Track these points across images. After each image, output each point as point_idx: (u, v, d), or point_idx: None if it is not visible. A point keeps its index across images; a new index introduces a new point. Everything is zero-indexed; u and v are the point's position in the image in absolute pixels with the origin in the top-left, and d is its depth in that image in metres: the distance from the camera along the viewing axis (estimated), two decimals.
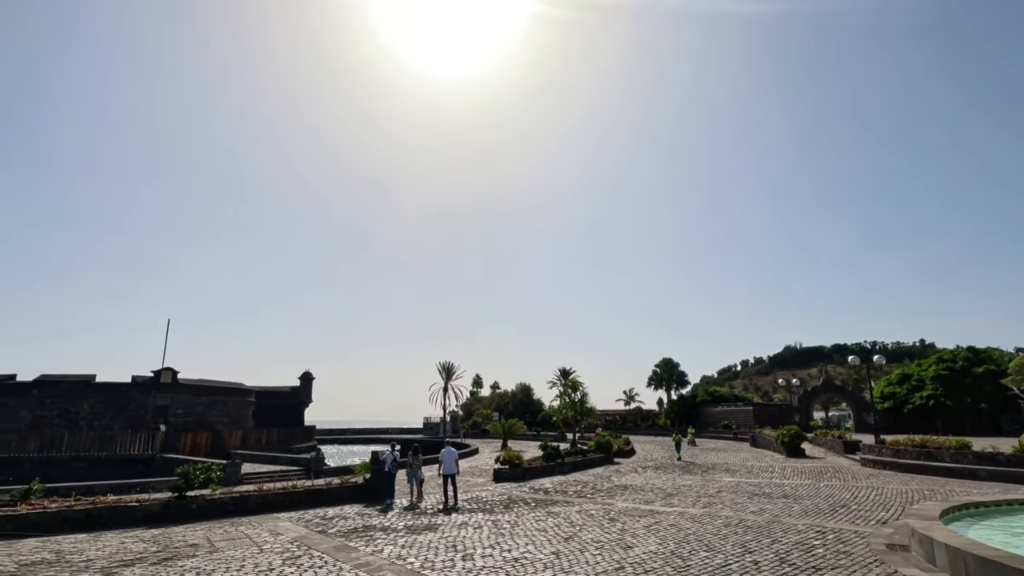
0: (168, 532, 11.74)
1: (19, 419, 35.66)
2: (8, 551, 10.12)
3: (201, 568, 8.79)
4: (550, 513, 13.51)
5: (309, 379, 53.55)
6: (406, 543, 10.48)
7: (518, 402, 74.55)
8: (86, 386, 37.95)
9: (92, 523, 12.24)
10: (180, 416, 39.32)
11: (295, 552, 9.83)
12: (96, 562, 9.24)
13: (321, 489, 15.90)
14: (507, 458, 21.60)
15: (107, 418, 37.32)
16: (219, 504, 13.80)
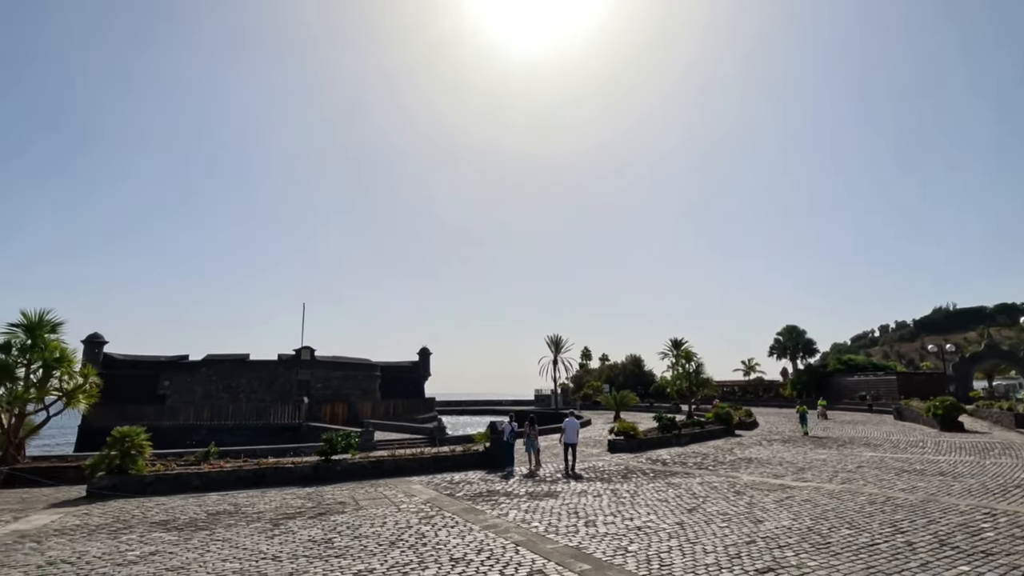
0: (319, 491, 13.20)
1: (193, 393, 41.71)
2: (198, 502, 11.99)
3: (350, 523, 9.81)
4: (670, 484, 13.30)
5: (427, 354, 56.80)
6: (529, 508, 10.88)
7: (628, 374, 73.58)
8: (242, 364, 43.40)
9: (258, 481, 14.09)
10: (319, 389, 43.68)
11: (429, 512, 10.61)
12: (265, 514, 10.66)
13: (446, 456, 16.94)
14: (621, 429, 21.49)
15: (260, 391, 42.47)
16: (359, 467, 15.23)
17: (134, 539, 8.92)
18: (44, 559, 7.85)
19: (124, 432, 13.27)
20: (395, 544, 8.33)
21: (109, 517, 10.67)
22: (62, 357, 15.66)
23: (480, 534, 8.85)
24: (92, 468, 13.03)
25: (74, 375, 16.05)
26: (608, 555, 7.57)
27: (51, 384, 15.75)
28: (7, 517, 10.77)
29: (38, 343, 15.27)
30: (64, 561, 7.73)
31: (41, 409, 15.97)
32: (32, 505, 12.04)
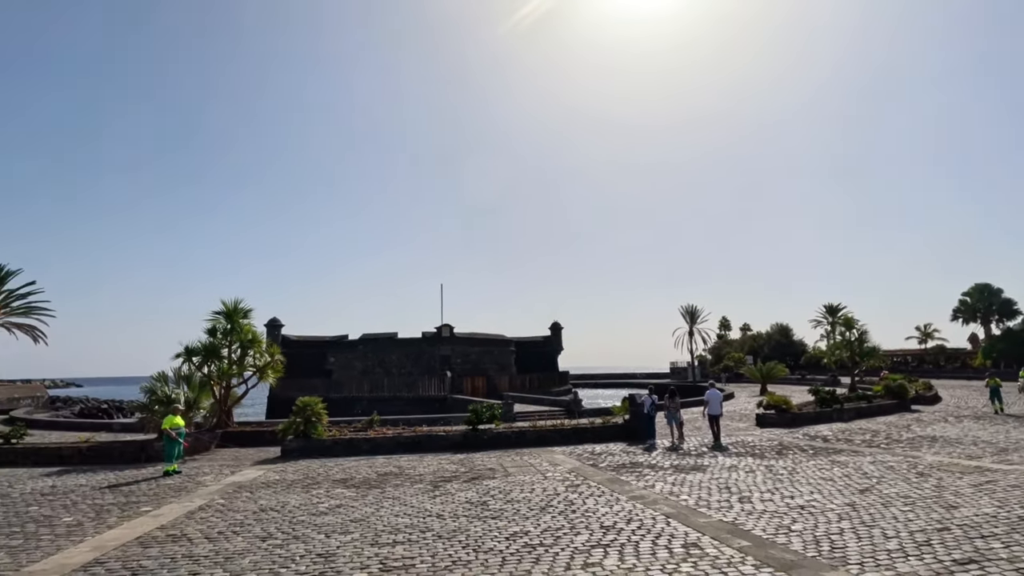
0: (469, 457, 14.13)
1: (354, 368, 46.70)
2: (368, 464, 13.49)
3: (501, 488, 10.38)
4: (834, 462, 12.16)
5: (558, 328, 57.60)
6: (676, 481, 10.65)
7: (774, 344, 68.20)
8: (392, 342, 47.57)
9: (415, 447, 15.46)
10: (459, 364, 46.50)
11: (574, 481, 10.86)
12: (426, 477, 11.69)
13: (586, 428, 17.14)
14: (772, 402, 20.04)
15: (409, 366, 46.30)
16: (504, 437, 16.02)
17: (322, 493, 10.31)
18: (257, 506, 9.40)
19: (305, 402, 15.33)
20: (545, 510, 8.67)
21: (300, 474, 12.44)
22: (254, 339, 18.46)
23: (628, 504, 8.87)
24: (283, 432, 15.25)
25: (263, 353, 18.84)
26: (769, 533, 7.16)
27: (247, 361, 18.65)
28: (227, 471, 13.05)
29: (235, 327, 18.15)
30: (272, 509, 9.18)
31: (241, 383, 18.99)
32: (242, 462, 14.45)
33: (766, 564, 5.97)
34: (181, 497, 10.32)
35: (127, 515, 8.98)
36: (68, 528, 8.28)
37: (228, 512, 9.04)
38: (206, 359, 17.42)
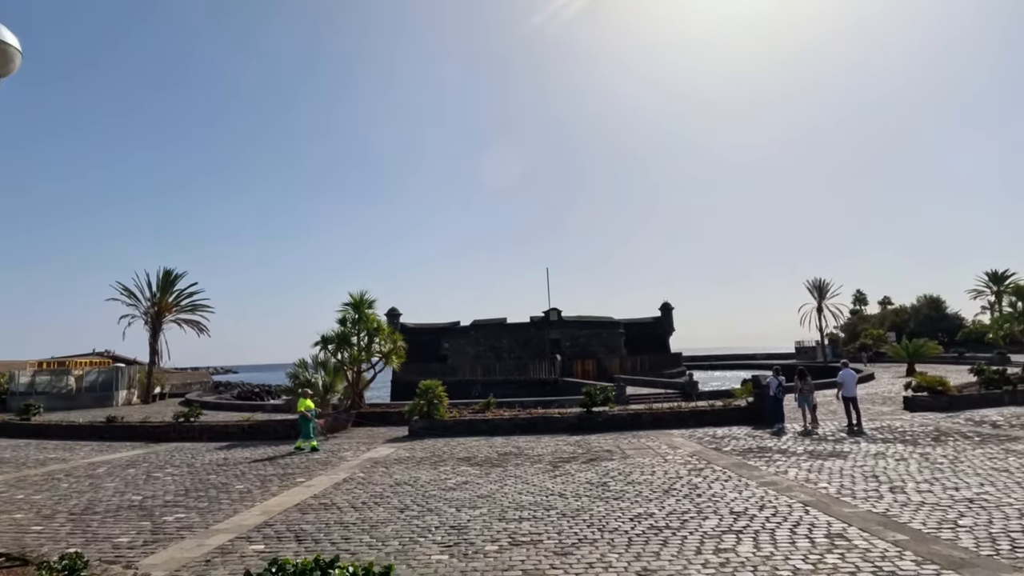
0: (585, 439, 14.19)
1: (466, 353, 48.67)
2: (488, 444, 14.05)
3: (620, 469, 10.33)
4: (1009, 451, 10.60)
5: (669, 309, 55.64)
6: (812, 467, 9.91)
7: (922, 318, 60.54)
8: (502, 327, 48.85)
9: (531, 428, 15.82)
10: (568, 347, 46.66)
11: (697, 464, 10.51)
12: (544, 457, 11.94)
13: (705, 410, 16.47)
14: (925, 383, 17.86)
15: (518, 350, 47.33)
16: (619, 419, 15.88)
17: (448, 470, 10.93)
18: (392, 480, 10.19)
19: (427, 385, 16.28)
20: (668, 493, 8.49)
21: (427, 452, 13.27)
22: (379, 327, 19.93)
23: (758, 490, 8.42)
24: (409, 413, 16.34)
25: (387, 340, 20.27)
26: (931, 527, 6.43)
27: (373, 348, 20.18)
28: (363, 448, 14.27)
29: (362, 317, 19.68)
30: (406, 483, 9.90)
31: (369, 368, 20.59)
32: (375, 440, 15.71)
33: (930, 560, 5.38)
34: (327, 470, 11.48)
35: (285, 485, 10.16)
36: (240, 494, 9.55)
37: (368, 485, 9.90)
38: (339, 347, 19.11)
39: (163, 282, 36.26)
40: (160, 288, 36.05)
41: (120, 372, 36.89)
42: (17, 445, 17.36)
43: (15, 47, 4.75)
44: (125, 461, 13.54)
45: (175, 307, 37.34)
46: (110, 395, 34.39)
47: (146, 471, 12.03)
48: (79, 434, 18.85)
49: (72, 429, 19.33)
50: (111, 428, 18.50)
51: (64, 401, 32.15)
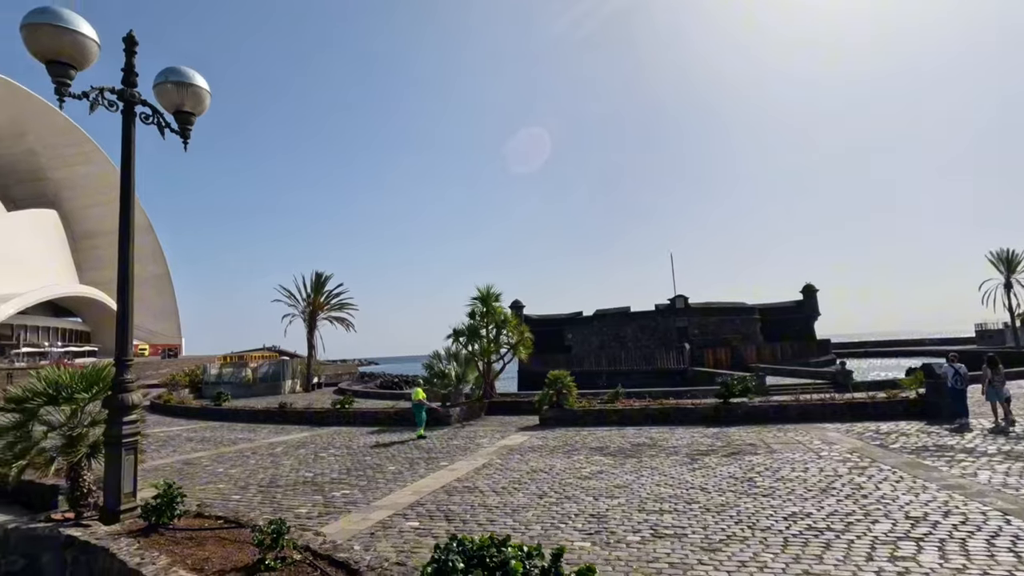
0: (724, 432, 13.44)
1: (590, 343, 48.43)
2: (620, 434, 13.89)
3: (767, 465, 9.64)
4: None
5: (812, 292, 50.65)
6: (1010, 470, 8.46)
7: None
8: (626, 316, 47.89)
9: (663, 419, 15.34)
10: (697, 335, 44.47)
11: (858, 463, 9.48)
12: (680, 449, 11.53)
13: (863, 403, 14.78)
14: None
15: (644, 339, 46.07)
16: (761, 411, 14.82)
17: (582, 459, 10.99)
18: (528, 467, 10.49)
19: (556, 376, 16.48)
20: (827, 492, 7.76)
21: (559, 441, 13.45)
22: (506, 319, 20.58)
23: (940, 494, 7.38)
24: (539, 403, 16.68)
25: (514, 332, 20.85)
26: None
27: (501, 339, 20.89)
28: (497, 436, 14.85)
29: (490, 310, 20.46)
30: (541, 471, 10.14)
31: (499, 359, 21.34)
32: (508, 428, 16.26)
33: None
34: (467, 456, 12.12)
35: (431, 468, 10.92)
36: (393, 475, 10.44)
37: (506, 471, 10.29)
38: (470, 339, 20.04)
39: (315, 284, 40.62)
40: (313, 289, 40.42)
41: (285, 364, 42.07)
42: (213, 427, 20.59)
43: (205, 89, 5.60)
44: (296, 442, 15.43)
45: (326, 306, 41.66)
46: (278, 384, 39.39)
47: (314, 451, 13.61)
48: (258, 418, 21.87)
49: (252, 413, 22.47)
50: (283, 413, 21.19)
51: (243, 389, 37.39)
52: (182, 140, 5.64)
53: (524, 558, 2.22)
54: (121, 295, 5.02)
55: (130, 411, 4.93)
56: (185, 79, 5.45)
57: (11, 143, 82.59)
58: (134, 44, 5.34)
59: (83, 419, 5.20)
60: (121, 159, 5.18)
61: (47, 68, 4.71)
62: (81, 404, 5.12)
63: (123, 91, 5.19)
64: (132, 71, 5.28)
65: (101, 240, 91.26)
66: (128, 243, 5.05)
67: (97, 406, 5.25)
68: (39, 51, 4.68)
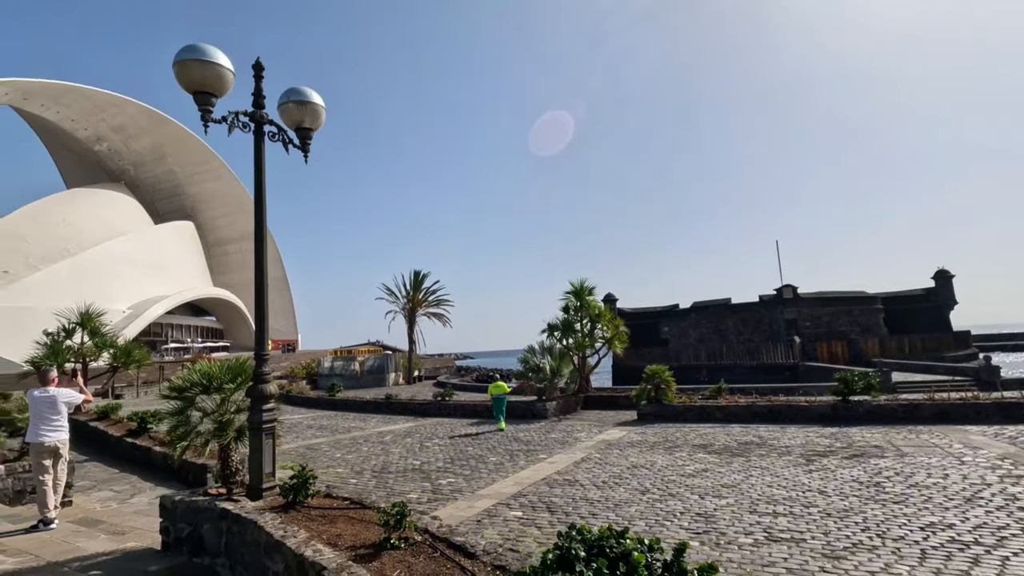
0: (843, 432, 12.42)
1: (688, 336, 46.65)
2: (724, 432, 13.29)
3: (897, 468, 8.79)
4: None
5: (946, 277, 45.09)
6: None
7: None
8: (726, 307, 45.58)
9: (772, 417, 14.46)
10: (808, 328, 41.29)
11: (1011, 470, 8.36)
12: (793, 449, 10.82)
13: (1017, 403, 12.98)
14: None
15: (747, 332, 43.58)
16: (887, 410, 13.51)
17: (684, 456, 10.67)
18: (629, 462, 10.36)
19: (653, 370, 16.09)
20: (972, 501, 6.94)
21: (659, 437, 13.14)
22: (600, 313, 20.39)
23: None
24: (637, 397, 16.37)
25: (609, 326, 20.61)
26: None
27: (596, 333, 20.73)
28: (595, 430, 14.80)
29: (583, 304, 20.37)
30: (642, 466, 9.97)
31: (593, 353, 21.20)
32: (605, 423, 16.13)
33: None
34: (566, 449, 12.20)
35: (531, 460, 11.12)
36: (495, 465, 10.76)
37: (605, 465, 10.24)
38: (564, 333, 20.08)
39: (414, 281, 42.63)
40: (412, 287, 42.46)
41: (389, 358, 44.60)
42: (328, 415, 22.34)
43: (321, 106, 6.09)
44: (402, 432, 16.35)
45: (424, 302, 43.59)
46: (383, 377, 41.87)
47: (419, 441, 14.36)
48: (367, 408, 23.42)
49: (362, 404, 24.09)
50: (389, 404, 22.52)
51: (352, 381, 40.14)
52: (303, 154, 6.18)
53: (646, 551, 2.23)
54: (258, 298, 5.61)
55: (268, 400, 5.50)
56: (304, 98, 5.97)
57: (154, 164, 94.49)
58: (261, 69, 5.94)
59: (230, 407, 5.89)
60: (254, 174, 5.78)
61: (194, 98, 5.37)
62: (228, 393, 5.81)
63: (254, 113, 5.78)
64: (260, 94, 5.87)
65: (230, 247, 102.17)
66: (263, 250, 5.63)
67: (241, 395, 5.93)
68: (187, 84, 5.34)
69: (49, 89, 76.91)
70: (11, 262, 66.45)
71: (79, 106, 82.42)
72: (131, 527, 7.33)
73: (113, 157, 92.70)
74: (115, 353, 18.56)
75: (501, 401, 16.15)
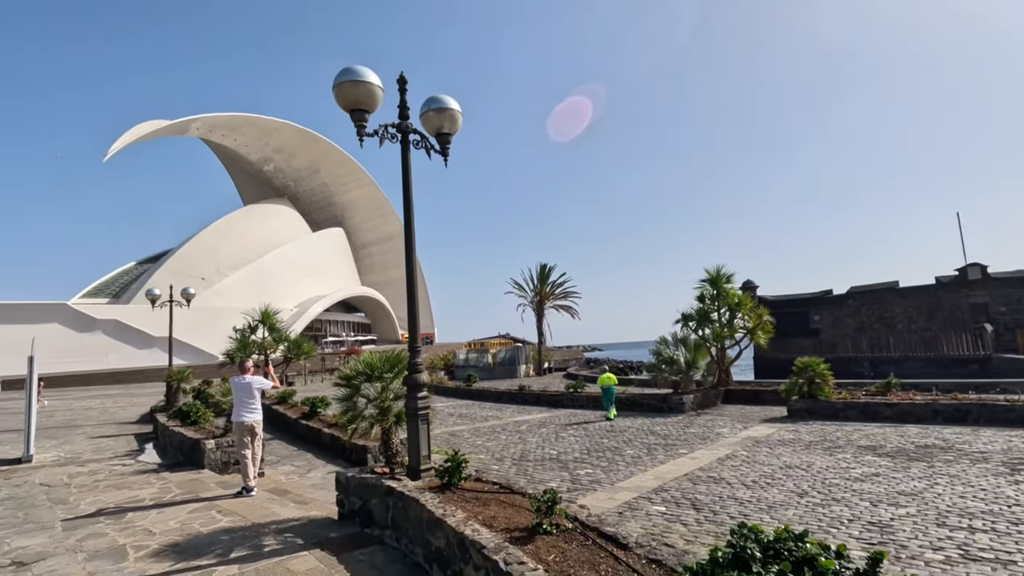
0: None
1: (845, 325, 41.81)
2: (897, 432, 11.74)
3: None
4: None
5: None
6: None
7: None
8: (893, 292, 40.09)
9: (961, 418, 12.45)
10: (1003, 314, 34.86)
11: None
12: (991, 455, 9.24)
13: None
14: None
15: (920, 320, 37.95)
16: None
17: (848, 458, 9.61)
18: (781, 462, 9.59)
19: (806, 363, 14.68)
20: None
21: (815, 435, 11.98)
22: (740, 302, 19.04)
23: None
24: (786, 392, 15.07)
25: (751, 315, 19.18)
26: None
27: (736, 324, 19.41)
28: (738, 426, 13.91)
29: (721, 292, 19.16)
30: (797, 467, 9.17)
31: (733, 344, 19.89)
32: (749, 418, 15.08)
33: None
34: (707, 445, 11.63)
35: (670, 455, 10.77)
36: (632, 458, 10.59)
37: (754, 464, 9.59)
38: (700, 323, 19.08)
39: (541, 275, 43.29)
40: (540, 280, 43.14)
41: (519, 350, 45.82)
42: (465, 404, 23.59)
43: (458, 111, 6.42)
44: (536, 422, 16.74)
45: (551, 295, 44.09)
46: (514, 368, 43.12)
47: (554, 431, 14.60)
48: (501, 398, 24.31)
49: (497, 394, 25.07)
50: (522, 394, 23.18)
51: (485, 372, 41.87)
52: (443, 158, 6.57)
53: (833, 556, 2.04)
54: (410, 295, 6.09)
55: (421, 389, 5.96)
56: (443, 105, 6.33)
57: (310, 179, 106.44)
58: (405, 83, 6.41)
59: (388, 394, 6.48)
60: (402, 181, 6.26)
61: (350, 116, 5.96)
62: (387, 382, 6.40)
63: (400, 124, 6.26)
64: (405, 106, 6.34)
65: (373, 249, 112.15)
66: (412, 252, 6.10)
67: (397, 383, 6.49)
68: (344, 103, 5.94)
69: (228, 121, 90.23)
70: (206, 269, 79.28)
71: (250, 133, 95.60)
72: (311, 498, 8.39)
73: (277, 175, 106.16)
74: (288, 346, 21.30)
75: (610, 392, 16.75)
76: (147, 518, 7.19)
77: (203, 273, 77.35)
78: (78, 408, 26.76)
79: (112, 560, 5.62)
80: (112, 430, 17.48)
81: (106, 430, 17.51)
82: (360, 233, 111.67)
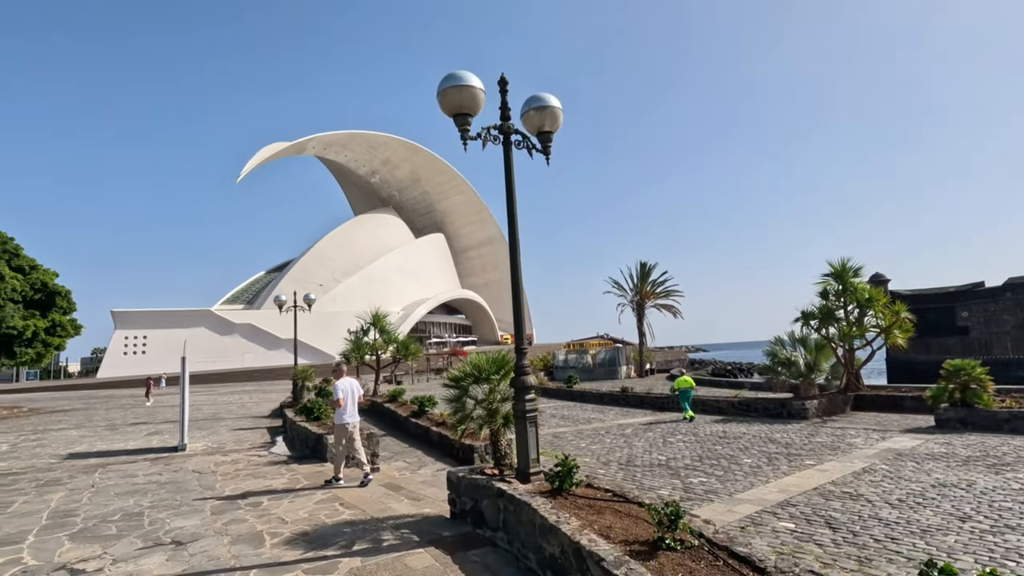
0: None
1: (1000, 323, 36.31)
2: None
3: None
4: None
5: None
6: None
7: None
8: None
9: None
10: None
11: None
12: None
13: None
14: None
15: None
16: None
17: (1021, 477, 8.22)
18: (932, 479, 8.41)
19: (958, 365, 12.84)
20: None
21: (972, 449, 10.43)
22: (871, 298, 17.10)
23: None
24: (934, 399, 13.27)
25: (884, 312, 17.15)
26: None
27: (866, 322, 17.46)
28: (874, 436, 12.47)
29: (847, 287, 17.34)
30: (954, 485, 7.99)
31: (864, 345, 17.91)
32: (887, 428, 13.47)
33: None
34: (838, 456, 10.52)
35: (795, 465, 9.86)
36: (751, 468, 9.83)
37: (898, 480, 8.50)
38: (823, 322, 17.40)
39: (641, 273, 42.00)
40: (640, 279, 41.88)
41: (620, 351, 44.80)
42: (567, 405, 23.38)
43: (559, 108, 6.30)
44: (642, 425, 16.16)
45: (652, 294, 42.61)
46: (615, 369, 42.21)
47: (662, 435, 13.99)
48: (603, 400, 23.82)
49: (598, 396, 24.61)
50: (624, 397, 22.55)
51: (585, 373, 41.35)
52: (545, 157, 6.48)
53: None
54: (515, 296, 6.06)
55: (528, 391, 5.90)
56: (543, 103, 6.24)
57: (412, 188, 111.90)
58: (505, 84, 6.39)
59: (495, 396, 6.50)
60: (505, 182, 6.25)
61: (454, 120, 6.05)
62: (495, 383, 6.42)
63: (502, 125, 6.25)
64: (506, 107, 6.33)
65: (472, 253, 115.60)
66: (516, 253, 6.07)
67: (504, 385, 6.49)
68: (448, 109, 6.04)
69: (340, 138, 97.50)
70: (323, 276, 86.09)
71: (359, 148, 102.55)
72: (423, 495, 8.66)
73: (383, 186, 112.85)
74: (397, 347, 22.41)
75: (687, 394, 17.06)
76: (280, 507, 7.80)
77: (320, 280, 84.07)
78: (221, 403, 30.06)
79: (252, 545, 6.13)
80: (249, 423, 19.38)
81: (244, 423, 19.45)
82: (459, 238, 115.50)
